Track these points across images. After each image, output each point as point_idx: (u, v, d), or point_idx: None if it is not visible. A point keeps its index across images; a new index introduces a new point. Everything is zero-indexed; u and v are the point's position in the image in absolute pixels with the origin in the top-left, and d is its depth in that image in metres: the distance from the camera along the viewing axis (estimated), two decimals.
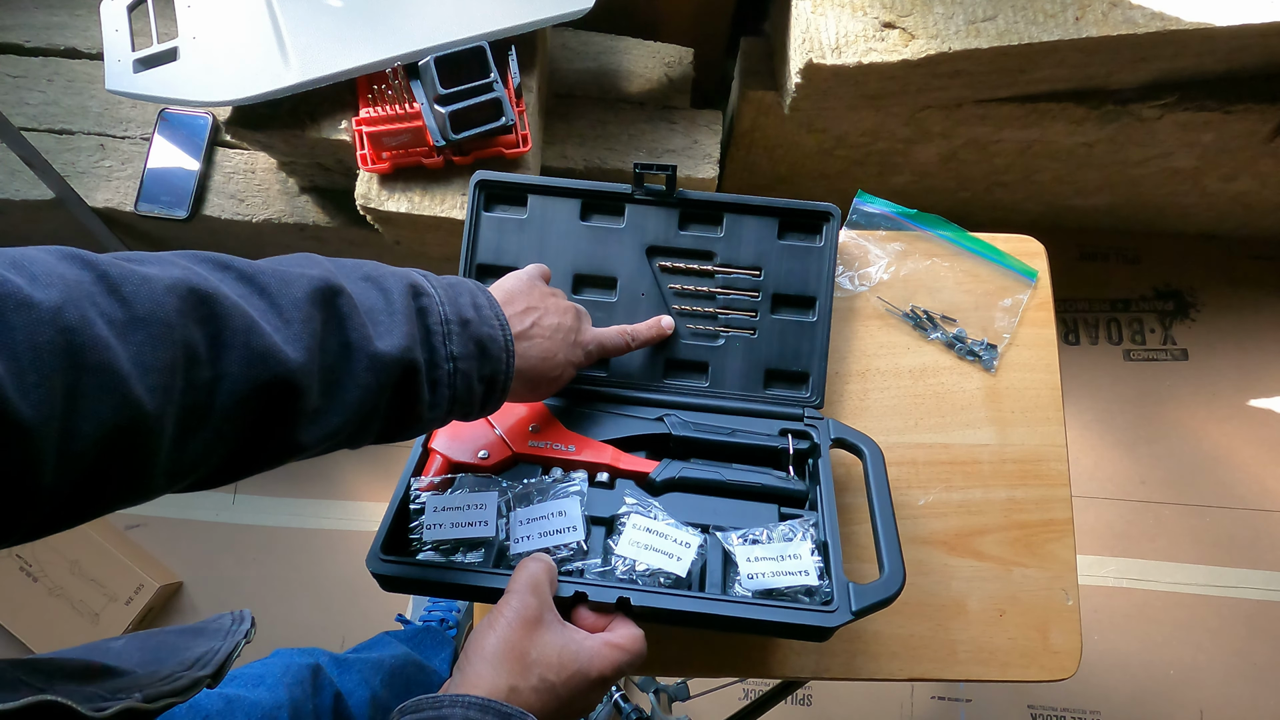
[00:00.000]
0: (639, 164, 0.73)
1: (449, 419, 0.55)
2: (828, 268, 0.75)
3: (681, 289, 0.76)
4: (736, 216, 0.76)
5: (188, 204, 1.25)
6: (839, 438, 0.69)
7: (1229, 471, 1.59)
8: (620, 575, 0.59)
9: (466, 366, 0.52)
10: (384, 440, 0.53)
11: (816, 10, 1.13)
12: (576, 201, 0.76)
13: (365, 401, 0.48)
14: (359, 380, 0.47)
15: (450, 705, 0.46)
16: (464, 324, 0.53)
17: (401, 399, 0.50)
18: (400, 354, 0.49)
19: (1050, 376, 0.81)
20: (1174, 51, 1.17)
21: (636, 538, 0.60)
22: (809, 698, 1.47)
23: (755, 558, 0.59)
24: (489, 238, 0.76)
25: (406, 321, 0.50)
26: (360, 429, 0.49)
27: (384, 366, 0.48)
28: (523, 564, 0.54)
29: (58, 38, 1.32)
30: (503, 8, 1.03)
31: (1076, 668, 0.73)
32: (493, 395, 0.56)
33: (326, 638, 1.49)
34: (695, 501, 0.66)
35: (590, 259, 0.76)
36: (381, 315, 0.50)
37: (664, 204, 0.76)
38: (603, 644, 0.52)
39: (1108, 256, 1.72)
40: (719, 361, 0.75)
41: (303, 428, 0.45)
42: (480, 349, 0.53)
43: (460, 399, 0.53)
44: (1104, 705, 1.47)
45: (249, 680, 0.86)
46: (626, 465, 0.68)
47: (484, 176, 0.75)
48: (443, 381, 0.51)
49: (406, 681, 1.11)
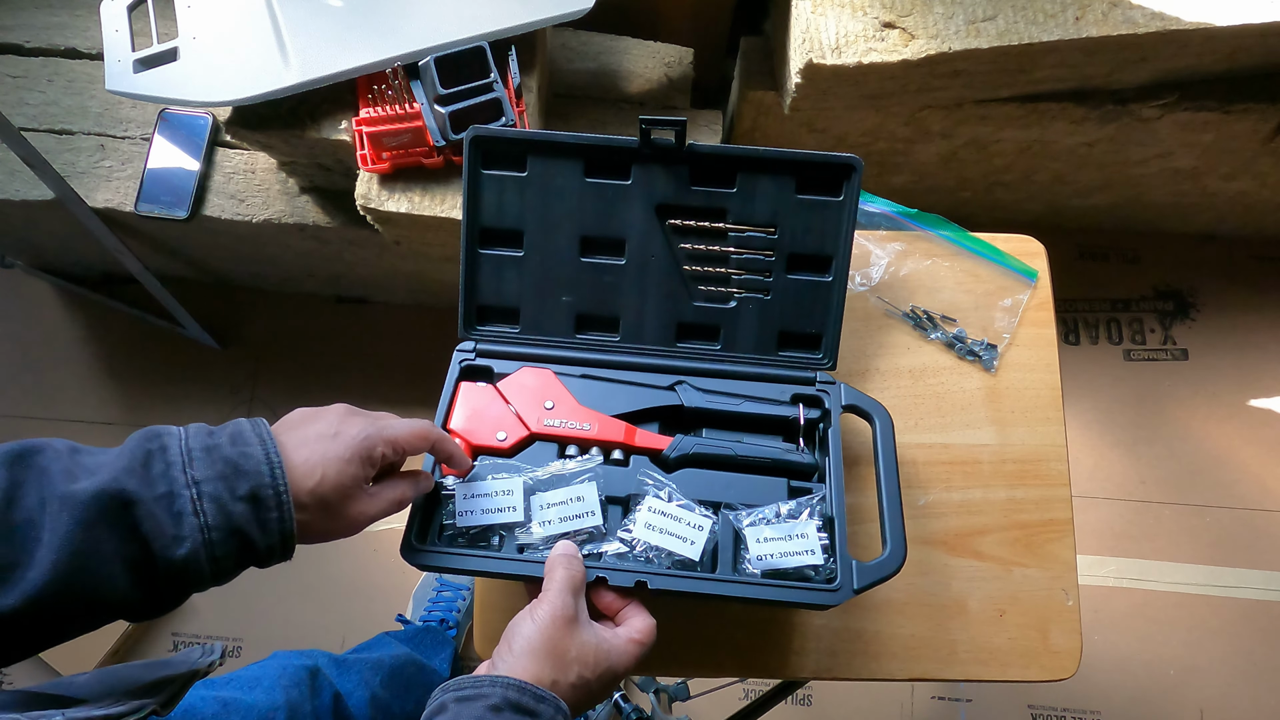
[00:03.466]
0: (645, 118, 0.67)
1: (225, 559, 0.50)
2: (847, 225, 0.70)
3: (693, 249, 0.73)
4: (751, 172, 0.70)
5: (188, 204, 1.25)
6: (850, 404, 0.70)
7: (1229, 471, 1.59)
8: (637, 555, 0.62)
9: (214, 489, 0.49)
10: (153, 604, 0.50)
11: (816, 10, 1.13)
12: (580, 159, 0.71)
13: (65, 547, 0.45)
14: (54, 524, 0.45)
15: (490, 685, 0.50)
16: (209, 450, 0.50)
17: (128, 538, 0.48)
18: (101, 486, 0.47)
19: (1050, 376, 0.81)
20: (1174, 51, 1.17)
21: (651, 520, 0.63)
22: (809, 698, 1.47)
23: (764, 538, 0.62)
24: (489, 199, 0.72)
25: (122, 458, 0.49)
26: (89, 583, 0.46)
27: (79, 503, 0.46)
28: (556, 561, 0.58)
29: (58, 38, 1.32)
30: (503, 8, 1.03)
31: (1076, 668, 0.73)
32: (267, 513, 0.51)
33: (326, 638, 1.49)
34: (707, 476, 0.68)
35: (597, 220, 0.72)
36: (100, 462, 0.49)
37: (674, 160, 0.70)
38: (627, 640, 0.56)
39: (1108, 256, 1.72)
40: (731, 324, 0.74)
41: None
42: (232, 468, 0.50)
43: (216, 524, 0.49)
44: (1104, 705, 1.47)
45: (245, 683, 0.86)
46: (641, 442, 0.69)
47: (479, 132, 0.70)
48: (186, 510, 0.48)
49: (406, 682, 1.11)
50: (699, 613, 0.73)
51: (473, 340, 0.74)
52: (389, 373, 1.65)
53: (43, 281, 1.64)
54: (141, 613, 0.50)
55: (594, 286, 0.74)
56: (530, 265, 0.73)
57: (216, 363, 1.66)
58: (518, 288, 0.74)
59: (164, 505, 0.48)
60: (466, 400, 0.70)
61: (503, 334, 0.74)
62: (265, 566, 0.53)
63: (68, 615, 0.47)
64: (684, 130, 0.68)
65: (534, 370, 0.72)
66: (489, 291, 0.74)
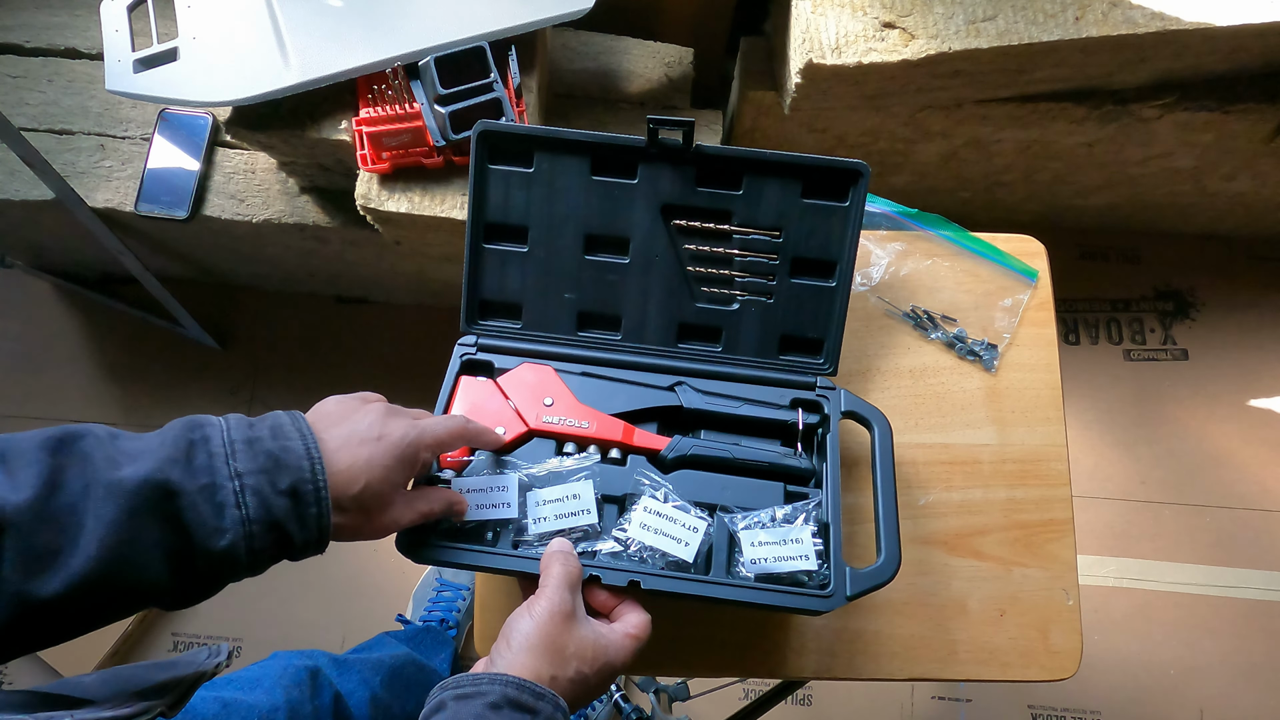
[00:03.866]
0: (653, 118, 0.67)
1: (262, 551, 0.50)
2: (852, 231, 0.70)
3: (697, 250, 0.73)
4: (758, 175, 0.70)
5: (188, 204, 1.25)
6: (850, 410, 0.70)
7: (1229, 471, 1.59)
8: (631, 554, 0.63)
9: (256, 482, 0.49)
10: (188, 593, 0.50)
11: (816, 10, 1.13)
12: (586, 157, 0.71)
13: (109, 535, 0.45)
14: (98, 511, 0.46)
15: (489, 683, 0.50)
16: (251, 442, 0.51)
17: (170, 528, 0.48)
18: (146, 475, 0.47)
19: (1050, 376, 0.81)
20: (1174, 51, 1.17)
21: (646, 520, 0.63)
22: (809, 698, 1.47)
23: (758, 542, 0.62)
24: (495, 194, 0.72)
25: (165, 447, 0.49)
26: (129, 571, 0.47)
27: (125, 491, 0.46)
28: (553, 557, 0.58)
29: (58, 38, 1.32)
30: (503, 8, 1.03)
31: (1077, 668, 0.73)
32: (307, 508, 0.51)
33: (326, 638, 1.49)
34: (704, 478, 0.68)
35: (602, 218, 0.72)
36: (143, 449, 0.49)
37: (681, 161, 0.70)
38: (623, 635, 0.57)
39: (1108, 256, 1.72)
40: (733, 326, 0.74)
41: (37, 576, 0.44)
42: (274, 461, 0.50)
43: (257, 517, 0.49)
44: (1104, 705, 1.47)
45: (246, 683, 0.86)
46: (639, 442, 0.69)
47: (487, 127, 0.70)
48: (229, 502, 0.49)
49: (406, 681, 1.11)
50: (698, 613, 0.73)
51: (474, 334, 0.74)
52: (389, 373, 1.65)
53: (43, 281, 1.64)
54: (174, 601, 0.50)
55: (597, 284, 0.74)
56: (534, 261, 0.73)
57: (216, 363, 1.66)
58: (521, 283, 0.74)
59: (206, 496, 0.48)
60: (466, 394, 0.70)
61: (504, 329, 0.75)
62: (297, 560, 0.53)
63: (105, 602, 0.47)
64: (692, 130, 0.67)
65: (534, 366, 0.72)
66: (492, 286, 0.74)
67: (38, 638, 0.46)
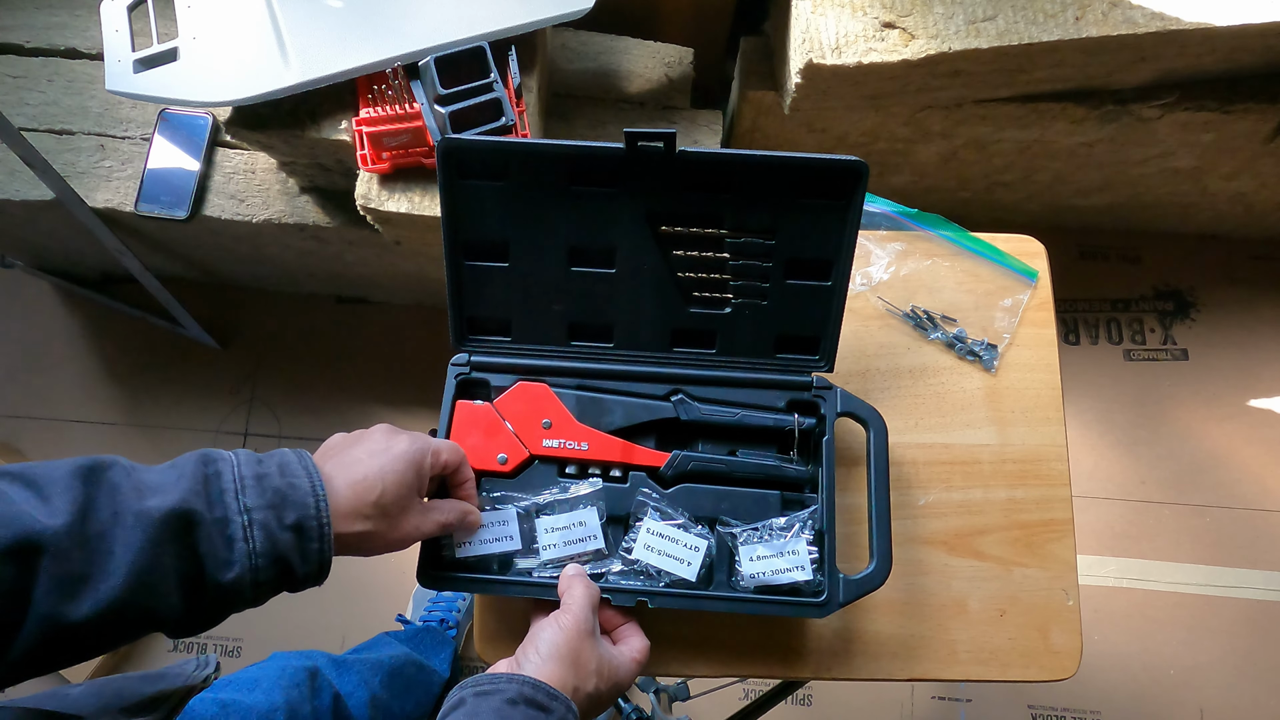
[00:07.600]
0: (629, 130, 0.62)
1: (265, 584, 0.52)
2: (850, 230, 0.66)
3: (686, 255, 0.69)
4: (747, 177, 0.66)
5: (188, 204, 1.25)
6: (846, 409, 0.70)
7: (1229, 471, 1.59)
8: (637, 570, 0.66)
9: (264, 517, 0.51)
10: (195, 621, 0.52)
11: (816, 10, 1.13)
12: (562, 168, 0.66)
13: (136, 562, 0.47)
14: (127, 539, 0.47)
15: (508, 682, 0.54)
16: (260, 478, 0.53)
17: (188, 558, 0.50)
18: (171, 506, 0.49)
19: (1050, 376, 0.81)
20: (1174, 51, 1.17)
21: (650, 542, 0.66)
22: (809, 698, 1.47)
23: (756, 556, 0.65)
24: (470, 211, 0.68)
25: (185, 479, 0.51)
26: (149, 598, 0.48)
27: (152, 521, 0.48)
28: (573, 580, 0.62)
29: (58, 38, 1.32)
30: (503, 8, 1.03)
31: (1077, 668, 0.73)
32: (309, 543, 0.53)
33: (326, 638, 1.49)
34: (703, 491, 0.70)
35: (584, 229, 0.68)
36: (163, 481, 0.51)
37: (663, 167, 0.65)
38: (630, 659, 0.62)
39: (1108, 256, 1.72)
40: (728, 329, 0.72)
41: (69, 599, 0.46)
42: (280, 497, 0.52)
43: (262, 550, 0.51)
44: (1104, 705, 1.47)
45: (245, 684, 0.86)
46: (638, 459, 0.70)
47: (451, 143, 0.65)
48: (238, 536, 0.51)
49: (406, 682, 1.11)
50: (699, 614, 0.73)
51: (466, 351, 0.73)
52: (389, 373, 1.65)
53: (43, 281, 1.64)
54: (182, 629, 0.52)
55: (585, 296, 0.71)
56: (517, 276, 0.71)
57: (216, 363, 1.66)
58: (506, 298, 0.72)
59: (219, 529, 0.50)
60: (465, 422, 0.70)
61: (496, 344, 0.73)
62: (296, 591, 0.56)
63: (125, 627, 0.49)
64: (673, 140, 0.63)
65: (529, 386, 0.71)
66: (478, 303, 0.72)
67: (59, 659, 0.48)
